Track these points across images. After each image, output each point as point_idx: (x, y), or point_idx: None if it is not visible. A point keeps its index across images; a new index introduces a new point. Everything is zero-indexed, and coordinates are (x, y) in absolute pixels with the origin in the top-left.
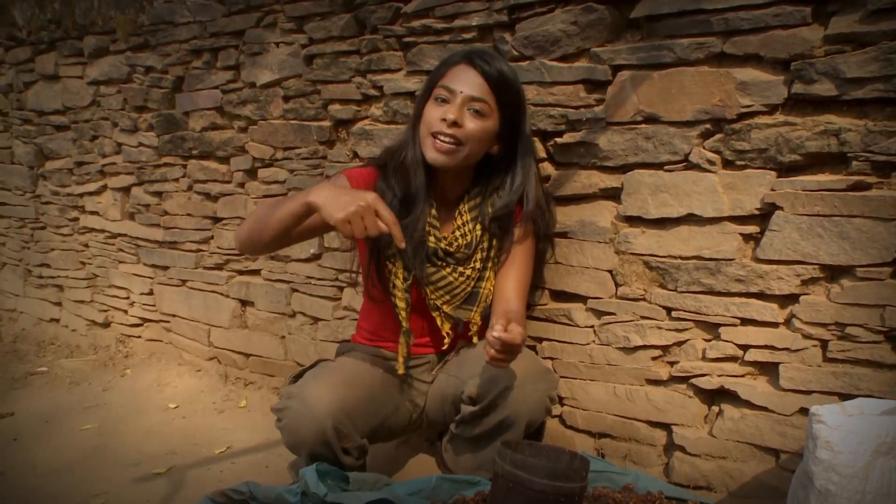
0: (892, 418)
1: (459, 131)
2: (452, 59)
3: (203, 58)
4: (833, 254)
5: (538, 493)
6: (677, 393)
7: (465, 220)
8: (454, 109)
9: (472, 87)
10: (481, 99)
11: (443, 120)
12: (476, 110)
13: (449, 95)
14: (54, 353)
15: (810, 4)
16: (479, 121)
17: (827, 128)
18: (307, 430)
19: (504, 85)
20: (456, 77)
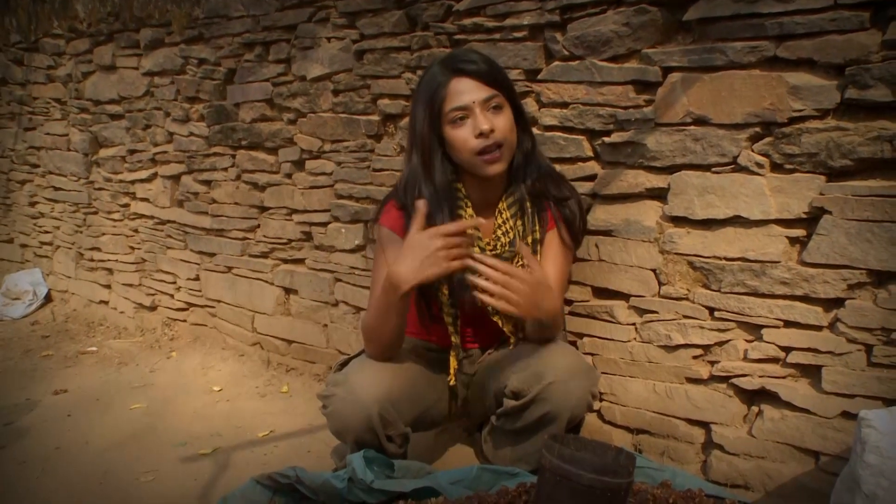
0: None
1: (496, 135)
2: (439, 78)
3: (255, 51)
4: (882, 259)
5: (585, 488)
6: (717, 392)
7: (506, 217)
8: (481, 120)
9: (478, 92)
10: (491, 96)
11: (479, 136)
12: (494, 107)
13: (465, 112)
14: (103, 334)
15: (869, 9)
16: (502, 115)
17: (880, 133)
18: (353, 417)
19: (496, 73)
20: (458, 93)
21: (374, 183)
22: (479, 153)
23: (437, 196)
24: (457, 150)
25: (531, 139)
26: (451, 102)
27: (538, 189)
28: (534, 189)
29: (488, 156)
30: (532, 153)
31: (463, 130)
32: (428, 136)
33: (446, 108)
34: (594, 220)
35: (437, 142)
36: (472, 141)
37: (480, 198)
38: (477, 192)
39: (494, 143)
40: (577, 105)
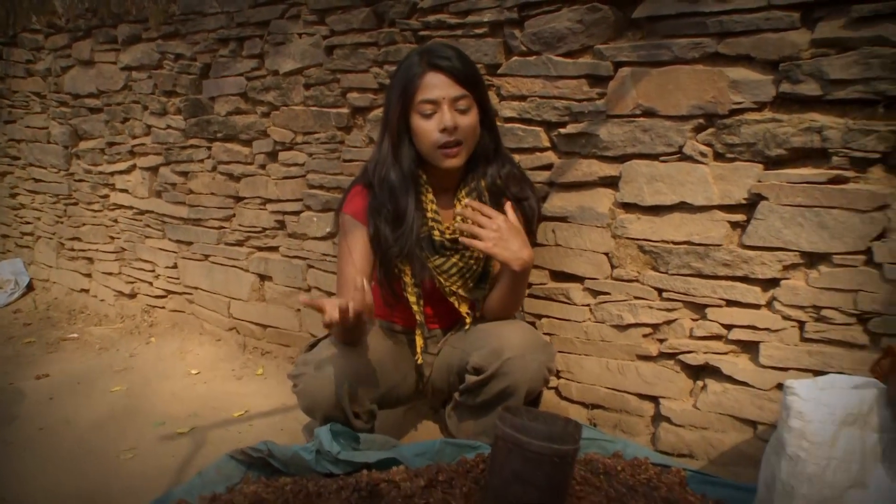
0: (858, 392)
1: (458, 133)
2: (415, 69)
3: (229, 46)
4: (812, 242)
5: (535, 454)
6: (665, 368)
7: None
8: (447, 116)
9: (449, 89)
10: (461, 95)
11: (443, 131)
12: (461, 108)
13: (433, 107)
14: (84, 321)
15: (799, 10)
16: (468, 115)
17: (811, 125)
18: (321, 395)
19: (470, 73)
20: (430, 86)
21: (345, 173)
22: (440, 147)
23: (404, 180)
24: (420, 139)
25: (495, 139)
26: (423, 94)
27: (499, 186)
28: (494, 186)
29: (447, 150)
30: (495, 152)
31: (429, 122)
32: (398, 123)
33: (417, 99)
34: (551, 207)
35: (406, 129)
36: (436, 134)
37: (439, 186)
38: (436, 179)
39: (455, 140)
40: (535, 98)
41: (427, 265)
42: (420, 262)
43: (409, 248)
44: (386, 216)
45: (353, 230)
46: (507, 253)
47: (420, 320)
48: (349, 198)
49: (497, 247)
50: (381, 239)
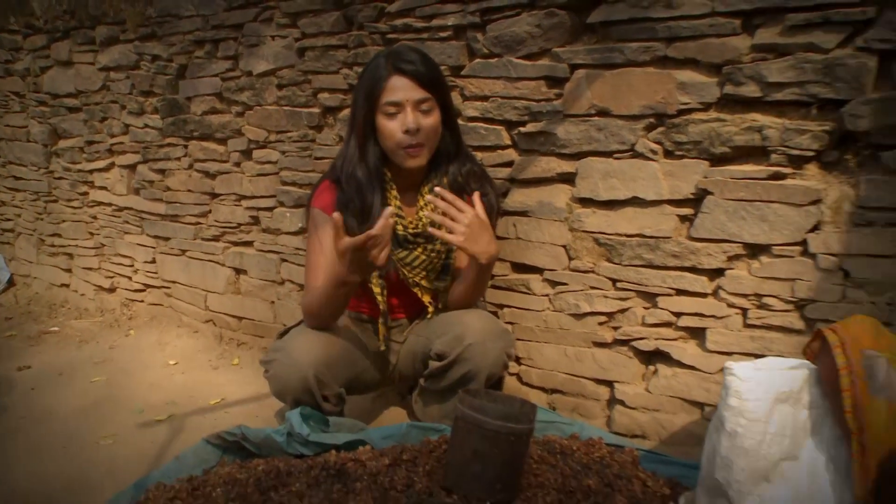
0: (791, 372)
1: (420, 134)
2: (381, 72)
3: (205, 48)
4: (754, 234)
5: (492, 433)
6: (619, 354)
7: (427, 200)
8: (410, 118)
9: (412, 92)
10: (424, 98)
11: (406, 132)
12: (424, 110)
13: (397, 108)
14: (65, 315)
15: (740, 17)
16: (430, 117)
17: (752, 125)
18: (291, 379)
19: (433, 77)
20: (395, 89)
21: (316, 170)
22: (404, 147)
23: (370, 177)
24: (385, 138)
25: (457, 138)
26: (387, 96)
27: (461, 184)
28: (456, 183)
29: (410, 150)
30: (457, 151)
31: (393, 123)
32: (364, 123)
33: (382, 101)
34: (512, 203)
35: (371, 128)
36: (399, 135)
37: (404, 183)
38: (400, 178)
39: (417, 142)
40: (496, 98)
41: (391, 258)
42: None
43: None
44: (353, 211)
45: (323, 224)
46: (476, 247)
47: (383, 309)
48: (318, 192)
49: (468, 241)
50: (348, 233)
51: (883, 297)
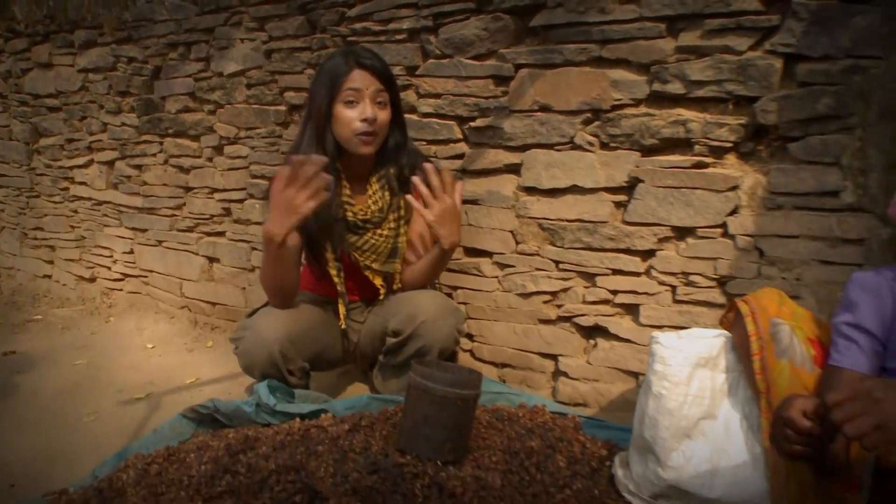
0: (709, 340)
1: (375, 124)
2: (343, 67)
3: (178, 50)
4: (681, 218)
5: (441, 398)
6: (563, 330)
7: (375, 189)
8: (368, 108)
9: (372, 83)
10: (380, 90)
11: (363, 120)
12: (380, 102)
13: (358, 95)
14: (47, 304)
15: (665, 22)
16: (384, 110)
17: (677, 118)
18: (258, 354)
19: (389, 75)
20: (356, 80)
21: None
22: (359, 134)
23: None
24: (342, 125)
25: (403, 134)
26: (349, 84)
27: (407, 175)
28: (402, 174)
29: (364, 137)
30: (403, 145)
31: (351, 111)
32: (324, 112)
33: (344, 87)
34: (464, 192)
35: (329, 118)
36: (357, 122)
37: (353, 173)
38: (350, 169)
39: (372, 130)
40: (448, 96)
41: (343, 242)
42: (338, 239)
43: (328, 226)
44: None
45: None
46: (443, 230)
47: (341, 290)
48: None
49: (437, 221)
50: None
51: (792, 272)
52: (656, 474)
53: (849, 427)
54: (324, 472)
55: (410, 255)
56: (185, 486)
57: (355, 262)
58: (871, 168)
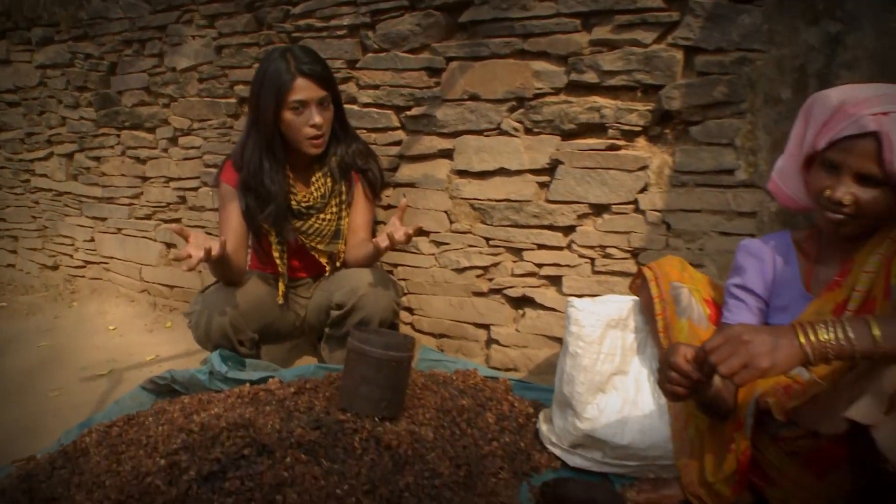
0: (620, 304)
1: (322, 127)
2: (286, 76)
3: (133, 47)
4: (597, 195)
5: (376, 360)
6: (494, 301)
7: (318, 177)
8: (316, 116)
9: (315, 92)
10: (324, 97)
11: (311, 126)
12: (323, 106)
13: (302, 106)
14: (12, 292)
15: (580, 17)
16: (328, 111)
17: (593, 105)
18: (210, 327)
19: (329, 76)
20: (300, 89)
21: None
22: (309, 138)
23: (276, 165)
24: (292, 130)
25: (344, 125)
26: (294, 96)
27: (347, 162)
28: (343, 162)
29: (314, 140)
30: (344, 134)
31: (299, 118)
32: (271, 118)
33: (289, 99)
34: (402, 176)
35: (277, 122)
36: (306, 128)
37: (297, 164)
38: (295, 161)
39: (321, 133)
40: (386, 87)
41: (291, 228)
42: (286, 225)
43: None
44: (256, 194)
45: (230, 198)
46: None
47: (282, 271)
48: (224, 170)
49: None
50: (250, 212)
51: (695, 243)
52: (574, 425)
53: (723, 367)
54: (270, 429)
55: (353, 236)
56: (143, 445)
57: (302, 244)
58: (759, 148)
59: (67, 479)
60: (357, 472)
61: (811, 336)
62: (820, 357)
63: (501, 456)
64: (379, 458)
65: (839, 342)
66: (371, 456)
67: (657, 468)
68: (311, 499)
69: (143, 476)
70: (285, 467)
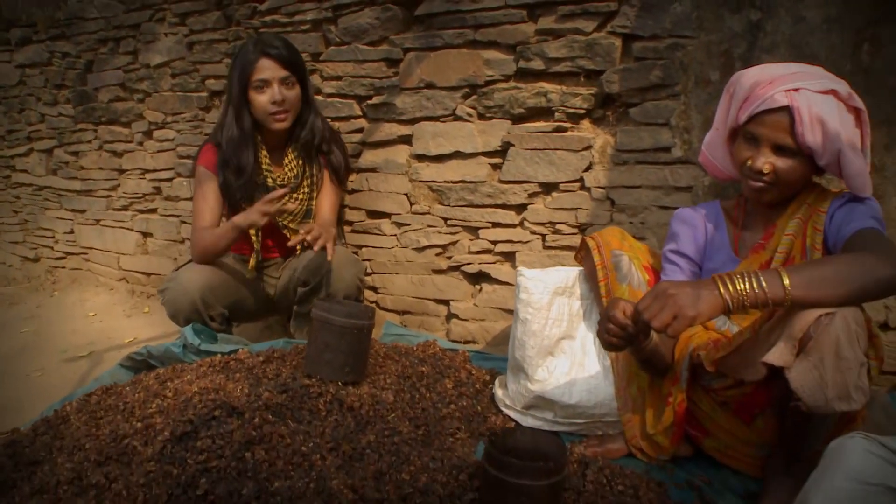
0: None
1: (286, 104)
2: (251, 56)
3: (108, 45)
4: (546, 175)
5: (339, 328)
6: (453, 278)
7: (290, 158)
8: (276, 92)
9: (277, 71)
10: (287, 76)
11: (273, 102)
12: (287, 85)
13: (266, 84)
14: None
15: (525, 8)
16: (292, 90)
17: (540, 90)
18: (182, 302)
19: (292, 59)
20: (263, 69)
21: None
22: (271, 114)
23: (244, 139)
24: (256, 108)
25: (312, 110)
26: (257, 75)
27: (315, 145)
28: (310, 144)
29: (277, 116)
30: (313, 120)
31: (263, 96)
32: (239, 97)
33: (253, 79)
34: (364, 162)
35: (245, 101)
36: (268, 105)
37: (271, 144)
38: (268, 142)
39: (283, 109)
40: (348, 77)
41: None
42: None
43: (250, 191)
44: (231, 168)
45: (207, 178)
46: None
47: (256, 247)
48: (202, 153)
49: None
50: (228, 186)
51: (637, 217)
52: (526, 388)
53: (655, 322)
54: (240, 393)
55: (318, 217)
56: (121, 410)
57: (275, 222)
58: (692, 127)
59: (49, 443)
60: (322, 431)
61: (730, 287)
62: (738, 305)
63: (459, 418)
64: (342, 419)
65: (754, 291)
66: (335, 417)
67: (603, 425)
68: (278, 455)
69: (121, 438)
70: (254, 427)
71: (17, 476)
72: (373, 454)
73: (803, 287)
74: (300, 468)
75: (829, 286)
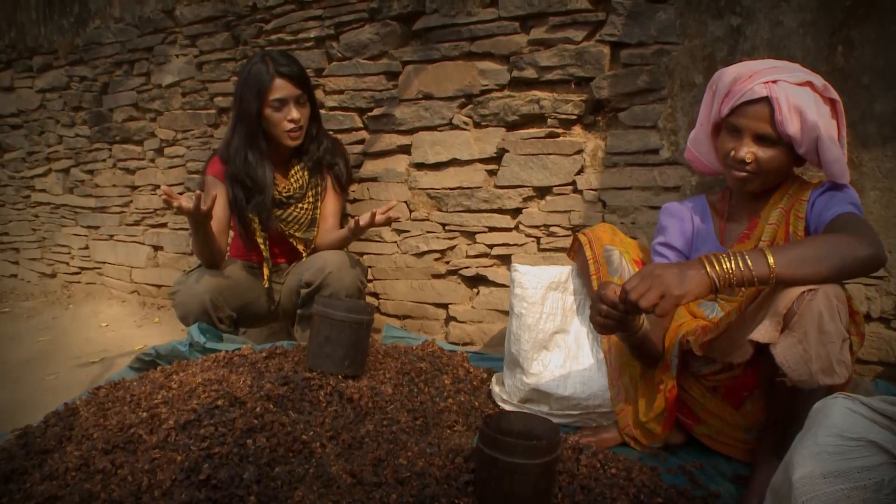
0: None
1: (300, 122)
2: (265, 76)
3: (123, 68)
4: (540, 179)
5: (339, 322)
6: (451, 282)
7: (296, 170)
8: (294, 112)
9: (293, 90)
10: (300, 95)
11: (290, 121)
12: (300, 103)
13: (281, 104)
14: (14, 299)
15: (518, 21)
16: (305, 108)
17: (533, 98)
18: (192, 304)
19: (303, 77)
20: (279, 88)
21: None
22: (288, 132)
23: (261, 158)
24: (273, 126)
25: (318, 124)
26: (274, 94)
27: (319, 158)
28: (317, 157)
29: (292, 133)
30: (318, 134)
31: (279, 114)
32: (254, 115)
33: (270, 98)
34: (365, 172)
35: (259, 119)
36: (285, 123)
37: (277, 157)
38: (276, 155)
39: (299, 126)
40: (350, 91)
41: (273, 216)
42: (266, 213)
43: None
44: (243, 185)
45: (214, 186)
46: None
47: (266, 256)
48: (211, 164)
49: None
50: (237, 201)
51: (628, 217)
52: (522, 381)
53: (642, 301)
54: (242, 384)
55: (323, 223)
56: (127, 402)
57: (281, 231)
58: (679, 128)
59: (60, 434)
60: (322, 421)
61: (716, 266)
62: (724, 283)
63: (456, 412)
64: (342, 410)
65: (740, 269)
66: (335, 408)
67: (598, 416)
68: (279, 442)
69: (128, 427)
70: (255, 416)
71: (28, 464)
72: (371, 442)
73: (787, 265)
74: (300, 455)
75: (812, 264)
